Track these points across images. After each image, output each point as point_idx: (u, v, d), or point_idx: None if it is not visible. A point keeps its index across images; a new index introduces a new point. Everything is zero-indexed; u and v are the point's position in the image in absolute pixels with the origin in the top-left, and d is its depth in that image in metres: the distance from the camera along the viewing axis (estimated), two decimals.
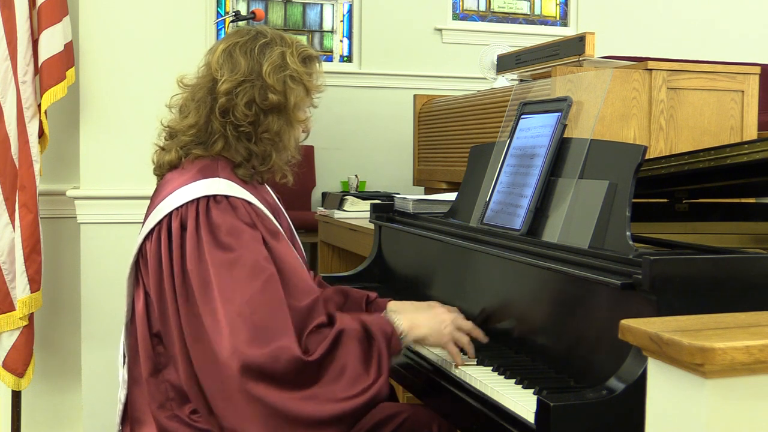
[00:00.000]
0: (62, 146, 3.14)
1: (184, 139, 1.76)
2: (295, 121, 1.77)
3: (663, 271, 1.34)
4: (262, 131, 1.73)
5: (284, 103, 1.73)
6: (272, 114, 1.73)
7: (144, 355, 1.70)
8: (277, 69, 1.72)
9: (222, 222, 1.63)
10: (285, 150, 1.79)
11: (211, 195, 1.66)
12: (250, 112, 1.71)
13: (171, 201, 1.68)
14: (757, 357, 1.04)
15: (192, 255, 1.61)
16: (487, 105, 3.28)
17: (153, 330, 1.70)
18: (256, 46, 1.74)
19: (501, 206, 1.94)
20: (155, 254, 1.67)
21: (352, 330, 1.62)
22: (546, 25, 6.34)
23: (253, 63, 1.72)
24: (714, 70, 2.83)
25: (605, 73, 1.86)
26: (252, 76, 1.71)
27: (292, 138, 1.79)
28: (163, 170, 1.80)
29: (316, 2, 5.96)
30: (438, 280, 2.17)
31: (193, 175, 1.70)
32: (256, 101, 1.71)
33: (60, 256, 3.17)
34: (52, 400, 3.22)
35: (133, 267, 1.74)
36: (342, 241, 3.66)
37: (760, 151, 1.76)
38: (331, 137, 5.68)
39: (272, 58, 1.73)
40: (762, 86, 2.92)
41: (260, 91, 1.71)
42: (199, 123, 1.74)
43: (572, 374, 1.56)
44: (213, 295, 1.57)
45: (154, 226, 1.69)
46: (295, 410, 1.52)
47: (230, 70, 1.72)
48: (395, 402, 2.07)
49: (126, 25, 3.03)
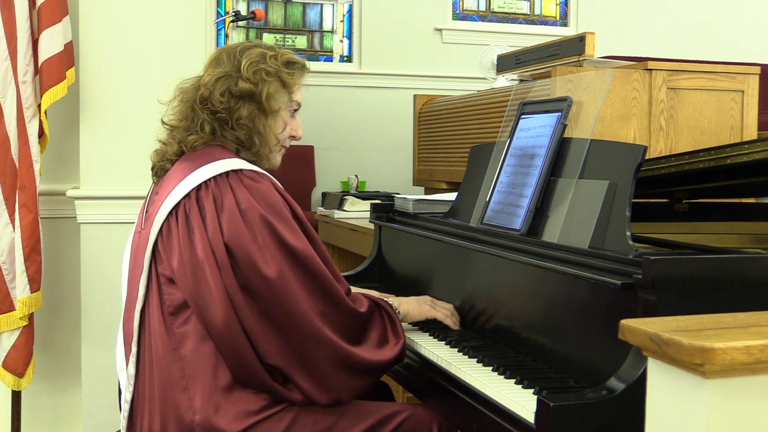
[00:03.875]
0: (62, 146, 3.14)
1: (179, 131, 1.90)
2: (269, 111, 1.88)
3: (663, 271, 1.34)
4: (237, 118, 1.86)
5: (255, 91, 1.86)
6: (243, 100, 1.86)
7: (160, 337, 1.74)
8: (254, 64, 1.87)
9: (259, 191, 1.76)
10: (264, 139, 1.89)
11: (239, 169, 1.79)
12: (224, 99, 1.85)
13: (195, 177, 1.78)
14: (757, 357, 1.04)
15: (237, 225, 1.72)
16: (487, 105, 3.28)
17: (168, 310, 1.74)
18: (239, 48, 1.91)
19: (501, 206, 1.94)
20: (184, 228, 1.74)
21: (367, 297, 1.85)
22: (546, 25, 6.34)
23: (234, 61, 1.89)
24: (714, 70, 2.83)
25: (605, 73, 1.86)
26: (231, 70, 1.87)
27: (267, 127, 1.89)
28: (166, 162, 1.90)
29: (316, 2, 5.96)
30: (438, 280, 2.17)
31: (207, 159, 1.81)
32: (230, 89, 1.86)
33: (60, 256, 3.17)
34: (52, 400, 3.22)
35: (151, 252, 1.78)
36: (342, 241, 3.66)
37: (760, 151, 1.76)
38: (331, 137, 5.68)
39: (251, 56, 1.88)
40: (762, 86, 2.92)
41: (235, 81, 1.86)
42: (187, 114, 1.89)
43: (572, 374, 1.56)
44: (266, 256, 1.70)
45: (179, 200, 1.76)
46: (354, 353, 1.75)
47: (213, 67, 1.90)
48: (395, 402, 2.07)
49: (126, 25, 3.03)
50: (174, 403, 1.70)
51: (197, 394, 1.69)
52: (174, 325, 1.73)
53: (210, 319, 1.70)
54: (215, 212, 1.72)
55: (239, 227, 1.71)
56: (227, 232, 1.71)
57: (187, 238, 1.73)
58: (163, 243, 1.76)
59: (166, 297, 1.74)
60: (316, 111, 5.40)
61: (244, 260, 1.70)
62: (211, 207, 1.73)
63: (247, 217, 1.72)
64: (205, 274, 1.70)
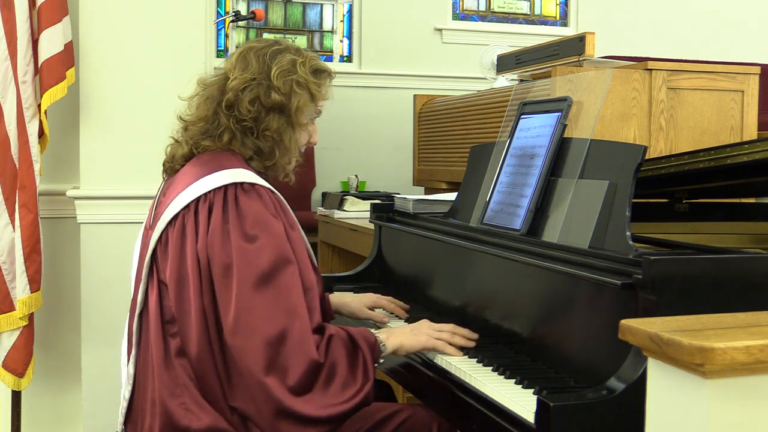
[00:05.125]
0: (62, 146, 3.14)
1: (194, 131, 1.84)
2: (297, 124, 1.84)
3: (663, 271, 1.34)
4: (263, 129, 1.81)
5: (286, 104, 1.80)
6: (273, 112, 1.80)
7: (156, 343, 1.72)
8: (285, 73, 1.81)
9: (249, 210, 1.69)
10: (286, 151, 1.84)
11: (239, 182, 1.72)
12: (252, 108, 1.79)
13: (197, 188, 1.73)
14: (757, 357, 1.04)
15: (217, 241, 1.66)
16: (487, 105, 3.28)
17: (166, 317, 1.73)
18: (269, 51, 1.83)
19: (501, 206, 1.94)
20: (178, 239, 1.71)
21: (339, 336, 1.67)
22: (546, 25, 6.34)
23: (263, 66, 1.81)
24: (714, 70, 2.83)
25: (605, 73, 1.86)
26: (261, 77, 1.80)
27: (293, 140, 1.85)
28: (175, 163, 1.87)
29: (316, 2, 5.96)
30: (438, 280, 2.17)
31: (216, 165, 1.76)
32: (260, 98, 1.79)
33: (60, 256, 3.17)
34: (52, 400, 3.22)
35: (150, 256, 1.76)
36: (342, 241, 3.66)
37: (760, 151, 1.76)
38: (331, 137, 5.67)
39: (282, 63, 1.82)
40: (762, 86, 2.91)
41: (266, 90, 1.79)
42: (207, 116, 1.83)
43: (572, 374, 1.56)
44: (231, 284, 1.63)
45: (179, 211, 1.73)
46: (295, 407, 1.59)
47: (241, 70, 1.81)
48: (395, 402, 2.07)
49: (126, 25, 3.03)
50: (170, 410, 1.69)
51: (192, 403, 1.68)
52: (169, 333, 1.72)
53: (186, 339, 1.69)
54: (206, 226, 1.69)
55: (217, 244, 1.66)
56: (209, 248, 1.67)
57: (179, 251, 1.71)
58: (162, 251, 1.75)
59: (164, 303, 1.74)
60: None
61: (216, 280, 1.66)
62: (204, 220, 1.70)
63: (228, 236, 1.66)
64: (188, 289, 1.68)
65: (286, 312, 1.62)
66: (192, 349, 1.68)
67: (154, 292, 1.75)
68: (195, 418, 1.67)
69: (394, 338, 1.78)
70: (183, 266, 1.70)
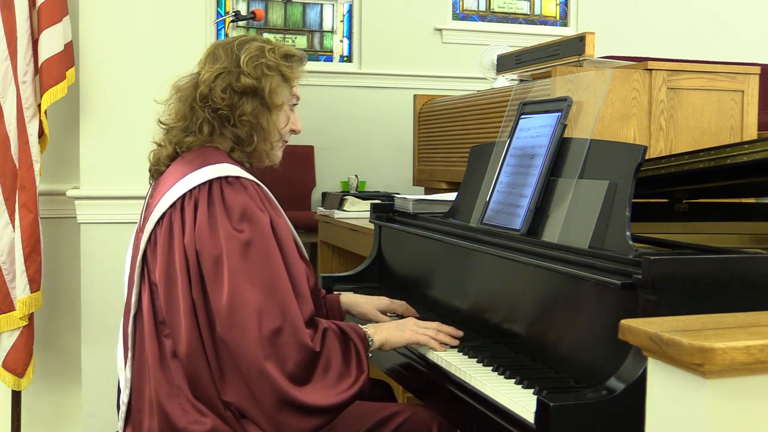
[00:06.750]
0: (62, 146, 3.14)
1: (175, 131, 1.86)
2: (272, 106, 1.85)
3: (663, 271, 1.34)
4: (239, 114, 1.82)
5: (258, 86, 1.82)
6: (246, 96, 1.82)
7: (151, 344, 1.72)
8: (254, 58, 1.83)
9: (235, 203, 1.71)
10: (266, 134, 1.86)
11: (223, 176, 1.74)
12: (226, 96, 1.81)
13: (181, 186, 1.74)
14: (757, 357, 1.04)
15: (205, 234, 1.68)
16: (487, 105, 3.28)
17: (159, 318, 1.73)
18: (236, 43, 1.88)
19: (501, 206, 1.94)
20: (166, 238, 1.72)
21: (332, 329, 1.72)
22: (546, 25, 6.34)
23: (232, 56, 1.85)
24: (714, 70, 2.82)
25: (605, 73, 1.86)
26: (230, 65, 1.83)
27: (270, 122, 1.86)
28: (160, 166, 1.88)
29: (316, 2, 5.96)
30: (438, 280, 2.17)
31: (199, 162, 1.77)
32: (231, 85, 1.82)
33: (60, 256, 3.17)
34: (52, 400, 3.22)
35: (141, 258, 1.77)
36: (342, 241, 3.66)
37: (760, 151, 1.76)
38: (331, 137, 5.68)
39: (250, 50, 1.84)
40: (762, 86, 2.91)
41: (236, 76, 1.82)
42: (185, 113, 1.85)
43: (572, 374, 1.56)
44: (223, 275, 1.65)
45: (165, 210, 1.74)
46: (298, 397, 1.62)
47: (211, 63, 1.86)
48: (395, 402, 2.07)
49: (126, 25, 3.03)
50: (167, 411, 1.69)
51: (188, 404, 1.68)
52: (163, 334, 1.72)
53: (176, 337, 1.69)
54: (193, 223, 1.70)
55: (205, 238, 1.67)
56: (197, 242, 1.68)
57: (167, 249, 1.71)
58: (151, 252, 1.75)
59: (156, 304, 1.74)
60: (316, 111, 5.40)
61: (207, 274, 1.67)
62: (191, 217, 1.70)
63: (216, 229, 1.68)
64: (177, 288, 1.69)
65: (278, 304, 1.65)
66: (182, 348, 1.68)
67: (146, 294, 1.75)
68: (192, 419, 1.67)
69: (381, 333, 1.82)
70: (171, 264, 1.70)
